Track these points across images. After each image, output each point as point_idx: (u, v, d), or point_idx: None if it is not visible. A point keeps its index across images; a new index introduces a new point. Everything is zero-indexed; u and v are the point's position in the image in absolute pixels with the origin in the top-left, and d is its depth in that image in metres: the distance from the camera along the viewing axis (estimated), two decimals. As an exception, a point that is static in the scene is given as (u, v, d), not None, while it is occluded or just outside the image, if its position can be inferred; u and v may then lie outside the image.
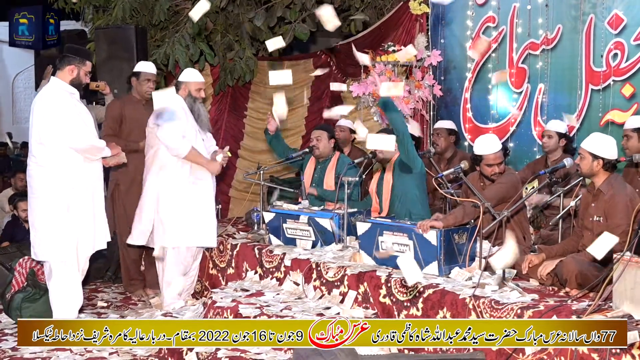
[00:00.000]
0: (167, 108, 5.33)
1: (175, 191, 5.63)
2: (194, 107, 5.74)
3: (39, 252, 5.14)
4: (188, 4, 8.58)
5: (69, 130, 4.98)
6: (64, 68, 5.15)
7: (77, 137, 5.00)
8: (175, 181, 5.63)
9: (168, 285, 5.69)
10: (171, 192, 5.63)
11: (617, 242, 3.60)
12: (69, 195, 5.06)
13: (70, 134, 4.98)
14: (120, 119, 6.18)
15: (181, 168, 5.64)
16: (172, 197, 5.63)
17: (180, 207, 5.63)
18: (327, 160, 6.36)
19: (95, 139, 5.15)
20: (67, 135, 4.97)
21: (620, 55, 6.10)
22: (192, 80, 5.77)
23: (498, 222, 4.57)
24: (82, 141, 5.03)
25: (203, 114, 5.82)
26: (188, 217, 5.65)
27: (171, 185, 5.63)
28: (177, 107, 5.54)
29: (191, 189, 5.67)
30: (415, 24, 7.59)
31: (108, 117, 6.31)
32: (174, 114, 5.44)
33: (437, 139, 6.78)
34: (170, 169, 5.63)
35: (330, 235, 5.57)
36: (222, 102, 9.29)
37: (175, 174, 5.63)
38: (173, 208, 5.63)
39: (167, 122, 5.47)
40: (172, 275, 5.68)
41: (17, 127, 17.46)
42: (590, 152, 4.44)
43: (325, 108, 8.36)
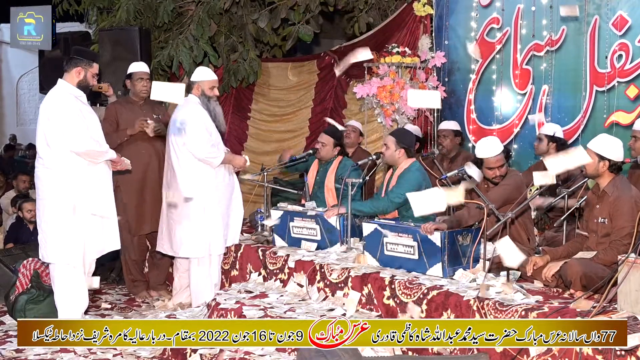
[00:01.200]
0: (182, 120, 5.37)
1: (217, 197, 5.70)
2: (209, 106, 5.71)
3: (45, 254, 5.15)
4: (192, 6, 8.59)
5: (69, 133, 4.97)
6: (71, 70, 5.14)
7: (76, 140, 4.99)
8: (214, 186, 5.69)
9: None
10: (215, 198, 5.68)
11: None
12: (75, 198, 5.05)
13: (70, 137, 4.97)
14: (116, 121, 6.17)
15: (216, 172, 5.70)
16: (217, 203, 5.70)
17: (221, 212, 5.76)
18: (330, 162, 6.35)
19: (95, 142, 5.13)
20: (67, 138, 4.97)
21: (625, 56, 6.09)
22: (204, 79, 5.74)
23: (502, 223, 4.55)
24: (81, 144, 5.02)
25: (219, 113, 5.80)
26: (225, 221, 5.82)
27: (213, 191, 5.67)
28: (198, 113, 5.56)
29: (224, 190, 5.78)
30: (419, 26, 7.58)
31: (104, 119, 6.30)
32: (191, 123, 5.48)
33: (444, 141, 6.77)
34: (205, 174, 5.65)
35: (336, 234, 5.56)
36: (225, 104, 9.27)
37: (211, 178, 5.68)
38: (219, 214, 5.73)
39: (189, 133, 5.50)
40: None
41: (21, 129, 17.50)
42: (596, 153, 4.43)
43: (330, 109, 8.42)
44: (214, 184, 5.66)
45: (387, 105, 7.28)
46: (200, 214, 5.59)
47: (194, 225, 5.60)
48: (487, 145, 5.04)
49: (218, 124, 5.76)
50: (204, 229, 5.61)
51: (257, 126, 9.22)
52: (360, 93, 7.47)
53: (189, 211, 5.60)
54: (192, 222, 5.60)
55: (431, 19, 7.58)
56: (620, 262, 3.82)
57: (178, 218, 5.66)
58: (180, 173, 5.61)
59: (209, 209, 5.62)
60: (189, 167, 5.59)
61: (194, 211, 5.59)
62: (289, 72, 9.00)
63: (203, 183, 5.61)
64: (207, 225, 5.62)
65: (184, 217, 5.62)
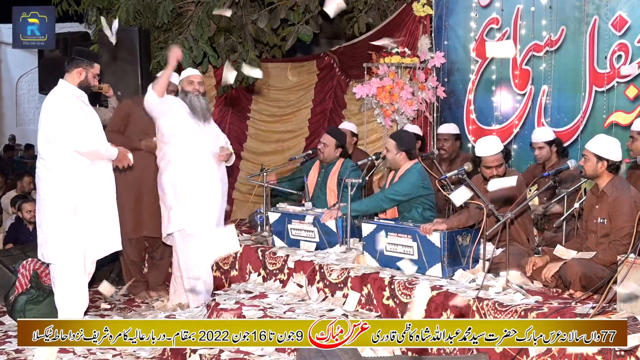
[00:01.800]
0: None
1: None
2: (185, 99, 5.80)
3: (46, 254, 5.14)
4: (191, 6, 8.59)
5: (73, 133, 4.97)
6: (72, 70, 5.14)
7: (80, 140, 4.99)
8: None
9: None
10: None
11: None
12: (76, 198, 5.05)
13: (74, 137, 4.97)
14: (127, 119, 6.16)
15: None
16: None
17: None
18: (332, 164, 6.34)
19: (99, 142, 5.13)
20: (71, 138, 4.97)
21: (624, 56, 6.09)
22: (181, 78, 5.92)
23: (502, 224, 4.55)
24: (85, 144, 5.02)
25: (197, 106, 5.79)
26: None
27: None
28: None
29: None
30: (419, 26, 7.58)
31: (116, 114, 6.29)
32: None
33: (444, 144, 6.76)
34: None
35: (334, 236, 5.56)
36: (225, 104, 9.29)
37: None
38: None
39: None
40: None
41: (20, 129, 17.50)
42: (595, 153, 4.43)
43: (330, 110, 8.42)
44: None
45: (386, 105, 7.28)
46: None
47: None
48: (487, 143, 5.04)
49: (196, 116, 5.79)
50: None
51: (256, 126, 9.22)
52: (359, 93, 7.48)
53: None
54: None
55: (431, 19, 7.58)
56: (619, 262, 3.82)
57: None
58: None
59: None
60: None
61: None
62: (289, 72, 9.01)
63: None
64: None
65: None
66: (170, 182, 5.72)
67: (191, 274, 5.73)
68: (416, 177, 5.55)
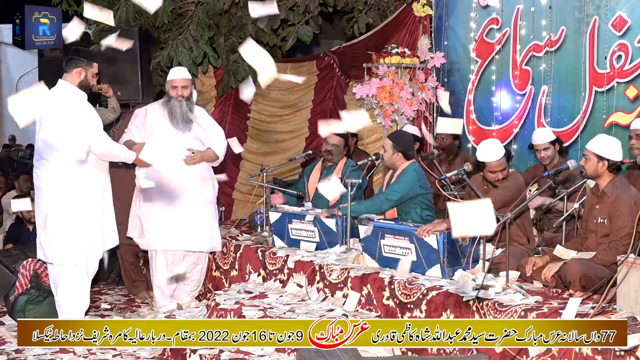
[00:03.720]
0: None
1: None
2: (167, 105, 5.68)
3: (49, 255, 5.13)
4: (191, 6, 8.59)
5: (90, 135, 4.92)
6: (72, 71, 5.12)
7: (95, 141, 4.94)
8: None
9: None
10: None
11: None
12: (81, 199, 5.05)
13: (91, 138, 4.92)
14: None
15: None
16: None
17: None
18: (334, 164, 6.34)
19: (115, 144, 5.13)
20: (88, 140, 4.91)
21: (624, 57, 6.09)
22: (167, 80, 5.79)
23: (501, 224, 4.55)
24: (103, 146, 5.00)
25: (177, 112, 5.63)
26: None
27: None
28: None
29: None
30: (419, 26, 7.58)
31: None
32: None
33: (442, 144, 6.76)
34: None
35: (334, 236, 5.56)
36: (225, 104, 9.28)
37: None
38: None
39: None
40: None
41: (20, 129, 17.45)
42: (595, 153, 4.43)
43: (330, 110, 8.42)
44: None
45: (386, 105, 7.28)
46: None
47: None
48: (489, 148, 5.02)
49: (175, 124, 5.63)
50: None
51: (256, 127, 9.22)
52: (359, 93, 7.48)
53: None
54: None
55: (430, 19, 7.59)
56: (619, 262, 3.83)
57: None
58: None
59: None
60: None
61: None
62: (289, 72, 9.01)
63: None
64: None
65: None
66: (138, 192, 5.78)
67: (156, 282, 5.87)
68: (413, 176, 5.55)
